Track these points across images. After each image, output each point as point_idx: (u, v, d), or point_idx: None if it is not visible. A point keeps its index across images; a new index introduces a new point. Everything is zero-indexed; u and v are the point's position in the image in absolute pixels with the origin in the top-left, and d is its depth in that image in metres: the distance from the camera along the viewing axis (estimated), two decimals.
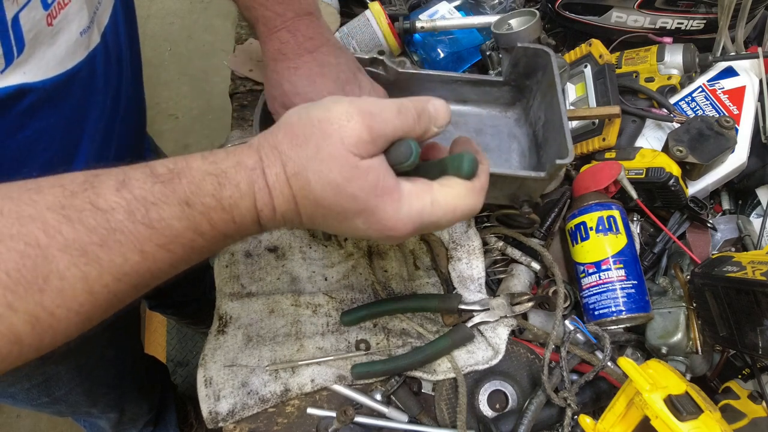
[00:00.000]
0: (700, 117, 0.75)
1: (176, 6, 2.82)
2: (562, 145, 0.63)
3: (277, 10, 0.61)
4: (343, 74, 0.63)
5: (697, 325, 0.66)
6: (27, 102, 0.50)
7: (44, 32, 0.49)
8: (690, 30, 0.86)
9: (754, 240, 0.73)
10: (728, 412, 0.62)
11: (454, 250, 0.74)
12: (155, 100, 2.51)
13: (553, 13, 0.93)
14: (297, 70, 0.62)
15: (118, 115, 0.66)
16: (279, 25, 0.62)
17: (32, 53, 0.48)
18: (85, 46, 0.55)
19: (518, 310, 0.69)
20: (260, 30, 0.63)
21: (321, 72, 0.62)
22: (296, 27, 0.62)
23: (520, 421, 0.61)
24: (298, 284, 0.73)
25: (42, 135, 0.54)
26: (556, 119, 0.66)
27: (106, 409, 1.02)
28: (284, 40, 0.62)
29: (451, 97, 0.75)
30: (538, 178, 0.63)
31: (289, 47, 0.62)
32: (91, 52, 0.56)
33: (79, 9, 0.53)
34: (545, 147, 0.70)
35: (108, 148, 0.65)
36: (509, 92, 0.76)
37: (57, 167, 0.57)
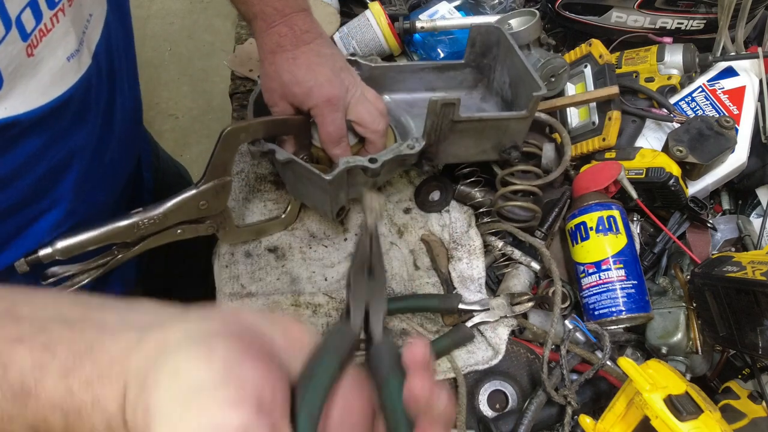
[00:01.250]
0: (700, 117, 0.75)
1: (176, 6, 2.82)
2: (533, 85, 0.67)
3: (276, 5, 0.64)
4: (338, 63, 0.65)
5: (697, 325, 0.66)
6: (11, 133, 0.49)
7: (24, 64, 0.47)
8: (690, 30, 0.86)
9: (754, 240, 0.73)
10: (728, 412, 0.62)
11: (454, 250, 0.74)
12: (155, 100, 2.51)
13: (553, 13, 0.93)
14: (296, 60, 0.64)
15: (112, 126, 0.66)
16: (277, 20, 0.64)
17: (12, 87, 0.47)
18: (75, 70, 0.54)
19: (518, 310, 0.69)
20: (258, 25, 0.65)
21: (319, 61, 0.64)
22: (293, 21, 0.64)
23: (520, 421, 0.61)
24: (298, 284, 0.73)
25: (29, 158, 0.54)
26: (520, 71, 0.70)
27: None
28: (283, 34, 0.64)
29: (421, 86, 0.78)
30: (519, 116, 0.67)
31: (287, 40, 0.64)
32: (83, 76, 0.55)
33: (65, 33, 0.51)
34: (517, 101, 0.73)
35: (102, 158, 0.65)
36: (471, 74, 0.79)
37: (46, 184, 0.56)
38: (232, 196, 0.79)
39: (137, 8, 2.80)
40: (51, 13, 0.48)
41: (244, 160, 0.83)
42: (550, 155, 0.77)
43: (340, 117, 0.65)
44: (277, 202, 0.79)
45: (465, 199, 0.78)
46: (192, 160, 2.34)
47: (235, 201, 0.79)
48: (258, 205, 0.79)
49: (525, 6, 0.96)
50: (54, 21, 0.49)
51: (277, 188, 0.81)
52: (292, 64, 0.64)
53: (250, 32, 1.00)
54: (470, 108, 0.79)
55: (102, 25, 0.60)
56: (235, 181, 0.80)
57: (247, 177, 0.81)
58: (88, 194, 0.64)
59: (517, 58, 0.70)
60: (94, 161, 0.63)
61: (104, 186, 0.68)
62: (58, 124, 0.54)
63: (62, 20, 0.50)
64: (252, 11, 0.65)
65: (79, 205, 0.63)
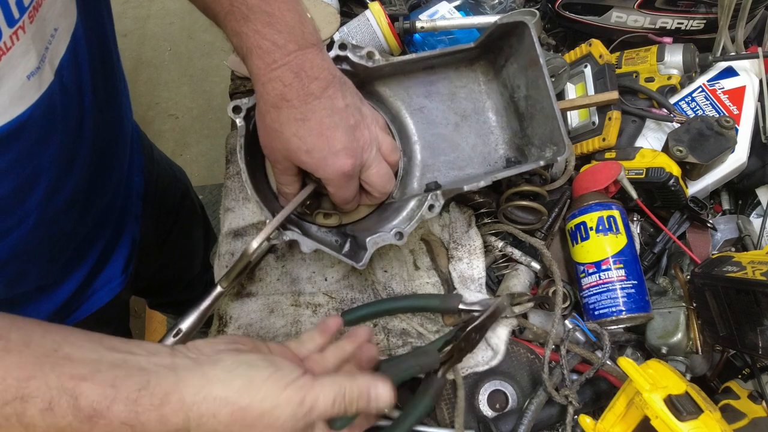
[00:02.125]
0: (700, 117, 0.75)
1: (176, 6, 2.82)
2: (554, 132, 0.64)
3: (276, 40, 0.52)
4: (353, 118, 0.56)
5: (697, 325, 0.66)
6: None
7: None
8: (690, 30, 0.85)
9: (754, 240, 0.73)
10: (728, 412, 0.62)
11: (454, 250, 0.74)
12: (155, 100, 2.51)
13: (553, 13, 0.93)
14: (306, 122, 0.54)
15: (84, 142, 0.64)
16: (279, 60, 0.52)
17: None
18: (35, 88, 0.51)
19: (518, 310, 0.69)
20: (255, 65, 0.53)
21: (332, 124, 0.54)
22: (300, 64, 0.53)
23: (520, 421, 0.61)
24: (298, 284, 0.73)
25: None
26: (546, 106, 0.65)
27: None
28: (287, 83, 0.53)
29: (419, 66, 0.70)
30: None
31: (293, 92, 0.53)
32: (44, 93, 0.53)
33: (25, 51, 0.48)
34: (531, 122, 0.69)
35: (72, 174, 0.64)
36: (477, 54, 0.72)
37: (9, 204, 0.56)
38: (232, 197, 0.79)
39: (137, 8, 2.80)
40: (10, 31, 0.46)
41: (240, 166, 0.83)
42: (561, 166, 0.77)
43: (355, 184, 0.60)
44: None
45: (465, 200, 0.78)
46: (192, 160, 2.35)
47: (235, 201, 0.79)
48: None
49: (525, 6, 0.96)
50: (14, 39, 0.46)
51: None
52: (301, 127, 0.54)
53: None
54: (473, 90, 0.72)
55: (69, 38, 0.57)
56: (235, 181, 0.80)
57: None
58: (59, 209, 0.63)
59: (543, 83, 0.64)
60: (64, 178, 0.62)
61: (78, 200, 0.67)
62: (19, 145, 0.52)
63: (22, 38, 0.47)
64: (246, 45, 0.53)
65: (47, 221, 0.62)
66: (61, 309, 0.76)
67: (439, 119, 0.72)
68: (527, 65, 0.66)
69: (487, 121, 0.73)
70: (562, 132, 0.64)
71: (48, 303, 0.74)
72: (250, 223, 0.77)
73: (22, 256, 0.62)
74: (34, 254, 0.64)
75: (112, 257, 0.83)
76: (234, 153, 0.83)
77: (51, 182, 0.59)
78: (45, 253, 0.67)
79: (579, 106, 0.78)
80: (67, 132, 0.60)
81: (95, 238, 0.78)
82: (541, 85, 0.65)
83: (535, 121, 0.68)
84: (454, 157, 0.73)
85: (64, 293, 0.75)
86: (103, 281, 0.82)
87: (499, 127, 0.73)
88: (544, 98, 0.65)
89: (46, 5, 0.51)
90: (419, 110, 0.71)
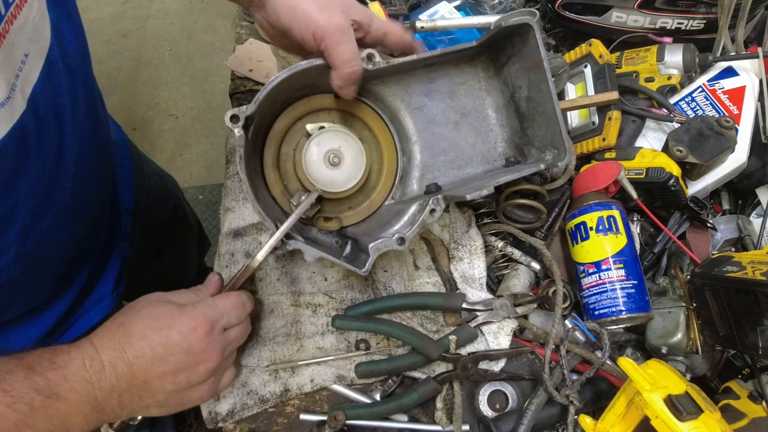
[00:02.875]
0: (700, 117, 0.75)
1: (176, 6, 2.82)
2: (556, 136, 0.64)
3: None
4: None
5: (697, 325, 0.66)
6: None
7: None
8: (690, 30, 0.86)
9: (754, 240, 0.73)
10: (728, 412, 0.62)
11: (455, 250, 0.74)
12: (155, 101, 2.51)
13: (553, 13, 0.93)
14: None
15: (64, 167, 0.63)
16: None
17: None
18: (5, 119, 0.50)
19: (521, 311, 0.69)
20: None
21: None
22: None
23: (520, 421, 0.61)
24: (298, 284, 0.73)
25: None
26: (548, 109, 0.65)
27: None
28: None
29: (419, 65, 0.69)
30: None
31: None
32: (16, 124, 0.51)
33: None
34: (532, 123, 0.69)
35: (54, 201, 0.63)
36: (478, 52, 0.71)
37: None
38: (232, 197, 0.79)
39: (137, 8, 2.80)
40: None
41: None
42: (561, 165, 0.77)
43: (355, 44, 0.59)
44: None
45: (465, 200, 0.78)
46: (192, 160, 2.35)
47: (235, 201, 0.78)
48: None
49: (525, 6, 0.96)
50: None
51: None
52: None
53: (250, 32, 1.00)
54: (473, 87, 0.72)
55: (42, 63, 0.56)
56: (235, 181, 0.80)
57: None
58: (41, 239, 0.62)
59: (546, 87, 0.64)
60: (44, 206, 0.61)
61: (62, 225, 0.66)
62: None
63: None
64: None
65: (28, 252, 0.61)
66: (51, 331, 0.75)
67: (439, 118, 0.72)
68: (530, 67, 0.66)
69: (487, 118, 0.73)
70: (563, 137, 0.64)
71: (37, 327, 0.73)
72: (250, 223, 0.77)
73: (5, 286, 0.61)
74: (18, 283, 0.63)
75: (101, 277, 0.82)
76: (234, 153, 0.83)
77: (29, 214, 0.59)
78: (29, 281, 0.66)
79: (579, 106, 0.78)
80: (44, 162, 0.59)
81: (82, 260, 0.77)
82: (544, 89, 0.65)
83: (536, 123, 0.68)
84: (454, 156, 0.72)
85: (53, 316, 0.75)
86: (93, 301, 0.81)
87: (498, 125, 0.73)
88: (546, 101, 0.65)
89: (14, 31, 0.49)
90: (419, 109, 0.71)
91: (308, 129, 0.67)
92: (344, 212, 0.70)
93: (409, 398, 0.64)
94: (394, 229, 0.65)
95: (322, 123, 0.67)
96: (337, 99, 0.68)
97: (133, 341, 0.52)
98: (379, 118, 0.70)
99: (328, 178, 0.66)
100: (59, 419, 0.48)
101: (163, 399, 0.54)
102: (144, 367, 0.52)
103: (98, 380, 0.49)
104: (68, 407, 0.48)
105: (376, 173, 0.71)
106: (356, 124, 0.70)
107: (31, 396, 0.46)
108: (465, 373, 0.66)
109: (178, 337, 0.53)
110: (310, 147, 0.65)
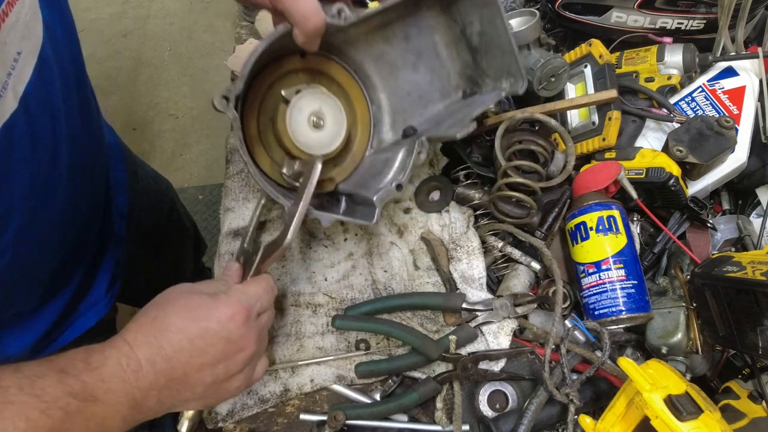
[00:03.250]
0: (700, 117, 0.75)
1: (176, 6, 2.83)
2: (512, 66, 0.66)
3: None
4: None
5: (697, 325, 0.66)
6: None
7: None
8: (690, 30, 0.85)
9: (754, 240, 0.73)
10: (728, 412, 0.62)
11: (454, 251, 0.74)
12: (155, 101, 2.51)
13: (553, 13, 0.93)
14: None
15: (57, 171, 0.63)
16: None
17: None
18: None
19: (521, 311, 0.69)
20: None
21: None
22: None
23: (520, 421, 0.61)
24: (298, 284, 0.73)
25: None
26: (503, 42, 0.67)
27: None
28: None
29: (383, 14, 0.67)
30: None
31: None
32: (6, 123, 0.51)
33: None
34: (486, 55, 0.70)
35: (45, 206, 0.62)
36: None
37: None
38: (232, 197, 0.79)
39: (137, 8, 2.80)
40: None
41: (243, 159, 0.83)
42: (560, 164, 0.77)
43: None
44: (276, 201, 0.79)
45: (464, 201, 0.78)
46: (192, 160, 2.35)
47: (235, 201, 0.78)
48: None
49: (525, 6, 0.96)
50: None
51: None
52: None
53: (250, 32, 1.00)
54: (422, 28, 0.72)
55: (35, 61, 0.55)
56: (235, 181, 0.80)
57: (247, 177, 0.81)
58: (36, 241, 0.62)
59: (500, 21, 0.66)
60: (39, 210, 0.60)
61: (56, 228, 0.66)
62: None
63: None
64: None
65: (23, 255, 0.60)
66: (46, 335, 0.74)
67: (399, 62, 0.73)
68: (482, 4, 0.67)
69: (439, 54, 0.74)
70: (519, 65, 0.66)
71: (32, 331, 0.72)
72: None
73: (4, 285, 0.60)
74: (12, 285, 0.62)
75: (94, 281, 0.82)
76: (234, 153, 0.83)
77: (25, 218, 0.58)
78: (23, 282, 0.65)
79: (578, 105, 0.78)
80: (39, 165, 0.58)
81: (74, 263, 0.77)
82: (498, 23, 0.66)
83: (491, 55, 0.70)
84: (417, 96, 0.75)
85: (47, 320, 0.74)
86: (87, 305, 0.81)
87: (449, 59, 0.74)
88: (501, 34, 0.67)
89: (5, 28, 0.49)
90: (380, 57, 0.72)
91: (284, 95, 0.64)
92: (331, 171, 0.71)
93: (409, 398, 0.64)
94: (388, 178, 0.68)
95: (296, 87, 0.66)
96: (302, 58, 0.67)
97: (170, 335, 0.49)
98: (345, 72, 0.71)
99: (315, 140, 0.65)
100: (96, 422, 0.46)
101: (202, 392, 0.52)
102: (183, 360, 0.50)
103: (136, 379, 0.47)
104: (106, 409, 0.46)
105: (353, 126, 0.72)
106: (324, 81, 0.70)
107: (66, 401, 0.43)
108: (465, 373, 0.66)
109: (217, 327, 0.51)
110: (293, 113, 0.64)
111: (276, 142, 0.67)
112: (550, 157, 0.76)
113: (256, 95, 0.65)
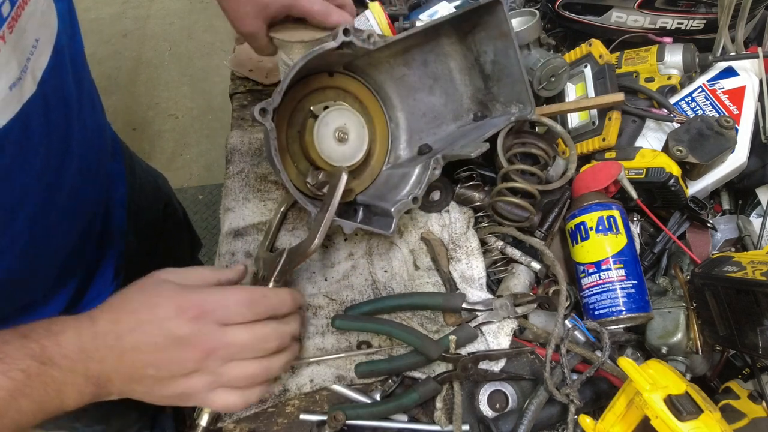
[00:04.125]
0: (700, 117, 0.75)
1: (176, 6, 2.83)
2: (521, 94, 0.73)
3: None
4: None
5: (697, 325, 0.66)
6: None
7: None
8: (690, 30, 0.86)
9: (754, 240, 0.73)
10: (728, 412, 0.62)
11: (453, 251, 0.74)
12: (155, 100, 2.51)
13: (553, 13, 0.93)
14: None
15: (70, 155, 0.64)
16: None
17: None
18: (16, 99, 0.51)
19: (521, 311, 0.69)
20: None
21: None
22: None
23: (520, 421, 0.61)
24: (298, 285, 0.73)
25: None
26: (514, 72, 0.73)
27: (90, 422, 1.01)
28: None
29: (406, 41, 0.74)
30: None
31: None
32: (25, 104, 0.52)
33: (6, 62, 0.48)
34: (497, 83, 0.77)
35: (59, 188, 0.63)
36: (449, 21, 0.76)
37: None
38: (232, 197, 0.79)
39: (137, 8, 2.80)
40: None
41: (243, 159, 0.83)
42: (560, 169, 0.78)
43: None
44: (276, 201, 0.79)
45: (464, 202, 0.78)
46: (192, 160, 2.35)
47: (235, 201, 0.79)
48: (258, 205, 0.79)
49: (525, 6, 0.96)
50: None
51: (277, 188, 0.81)
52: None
53: None
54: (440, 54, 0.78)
55: (51, 50, 0.57)
56: (235, 181, 0.80)
57: (247, 177, 0.81)
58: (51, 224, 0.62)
59: (513, 52, 0.71)
60: (51, 196, 0.61)
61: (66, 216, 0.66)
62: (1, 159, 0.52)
63: (3, 48, 0.47)
64: None
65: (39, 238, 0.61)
66: None
67: (417, 84, 0.79)
68: (497, 36, 0.73)
69: (453, 80, 0.80)
70: (529, 93, 0.73)
71: None
72: (251, 223, 0.77)
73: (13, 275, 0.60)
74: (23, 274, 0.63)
75: (98, 271, 0.82)
76: (234, 153, 0.83)
77: (38, 203, 0.59)
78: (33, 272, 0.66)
79: (584, 108, 0.78)
80: (51, 150, 0.59)
81: (80, 253, 0.77)
82: (511, 54, 0.72)
83: (502, 83, 0.76)
84: (432, 117, 0.81)
85: (54, 312, 0.74)
86: (92, 297, 0.81)
87: (463, 84, 0.81)
88: (513, 64, 0.73)
89: (25, 16, 0.51)
90: (401, 79, 0.78)
91: (313, 110, 0.70)
92: (351, 182, 0.75)
93: (409, 398, 0.64)
94: (405, 191, 0.73)
95: (324, 103, 0.71)
96: (330, 77, 0.73)
97: (126, 315, 0.50)
98: (368, 91, 0.77)
99: (339, 153, 0.71)
100: (54, 388, 0.46)
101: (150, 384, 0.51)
102: (132, 343, 0.50)
103: (90, 350, 0.48)
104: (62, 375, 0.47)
105: (372, 142, 0.77)
106: (349, 99, 0.75)
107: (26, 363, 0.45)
108: (465, 373, 0.66)
109: (163, 316, 0.51)
110: (320, 127, 0.69)
111: (302, 153, 0.72)
112: (551, 162, 0.76)
113: (287, 109, 0.70)
